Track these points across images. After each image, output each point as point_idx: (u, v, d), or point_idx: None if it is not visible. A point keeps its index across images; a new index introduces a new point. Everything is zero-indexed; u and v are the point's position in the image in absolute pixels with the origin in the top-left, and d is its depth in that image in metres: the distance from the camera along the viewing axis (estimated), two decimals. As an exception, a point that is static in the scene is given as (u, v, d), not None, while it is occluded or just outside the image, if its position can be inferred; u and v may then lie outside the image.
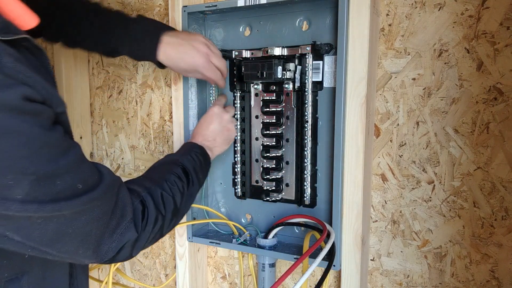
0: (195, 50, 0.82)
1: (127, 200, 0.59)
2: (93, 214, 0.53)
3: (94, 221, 0.53)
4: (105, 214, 0.55)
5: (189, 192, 0.74)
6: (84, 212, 0.52)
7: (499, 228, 0.77)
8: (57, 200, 0.48)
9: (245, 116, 0.94)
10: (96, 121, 1.25)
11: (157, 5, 1.09)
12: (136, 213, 0.60)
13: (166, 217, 0.66)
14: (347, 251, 0.81)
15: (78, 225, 0.52)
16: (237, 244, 0.92)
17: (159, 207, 0.65)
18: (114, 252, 0.58)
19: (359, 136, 0.77)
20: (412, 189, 0.84)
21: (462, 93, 0.77)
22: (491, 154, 0.76)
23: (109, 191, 0.56)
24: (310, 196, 0.88)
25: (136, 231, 0.60)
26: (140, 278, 1.25)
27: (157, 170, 0.73)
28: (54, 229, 0.50)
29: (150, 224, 0.62)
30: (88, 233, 0.53)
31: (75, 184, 0.50)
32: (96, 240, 0.55)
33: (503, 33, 0.73)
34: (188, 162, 0.76)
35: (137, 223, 0.60)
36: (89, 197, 0.51)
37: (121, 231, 0.57)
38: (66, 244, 0.52)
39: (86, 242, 0.54)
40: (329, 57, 0.83)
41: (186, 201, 0.73)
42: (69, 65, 1.18)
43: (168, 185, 0.69)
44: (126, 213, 0.58)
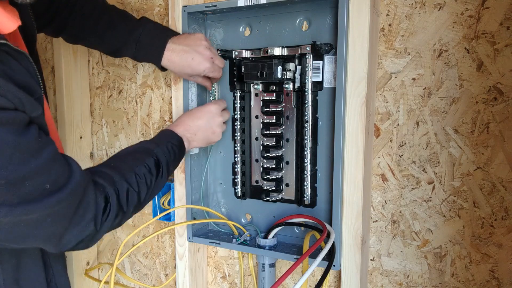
0: (201, 56, 0.84)
1: (91, 198, 0.60)
2: (58, 214, 0.54)
3: (58, 221, 0.55)
4: (69, 212, 0.56)
5: (156, 185, 0.73)
6: (51, 214, 0.53)
7: (499, 228, 0.77)
8: (26, 202, 0.49)
9: (245, 116, 0.94)
10: (96, 121, 1.25)
11: (157, 5, 1.09)
12: (97, 210, 0.61)
13: (127, 212, 0.67)
14: (347, 251, 0.81)
15: (44, 226, 0.53)
16: (237, 244, 0.92)
17: (122, 204, 0.65)
18: (72, 245, 0.59)
19: (359, 136, 0.77)
20: (412, 189, 0.84)
21: (462, 93, 0.77)
22: (491, 154, 0.76)
23: (76, 191, 0.56)
24: (310, 196, 0.88)
25: (95, 228, 0.60)
26: (140, 278, 1.25)
27: (129, 159, 0.72)
28: (21, 232, 0.51)
29: (110, 220, 0.63)
30: (52, 232, 0.55)
31: (43, 185, 0.51)
32: (59, 235, 0.56)
33: (503, 33, 0.73)
34: (163, 154, 0.75)
35: (97, 220, 0.61)
36: (57, 198, 0.52)
37: (81, 228, 0.58)
38: (30, 242, 0.55)
39: (49, 239, 0.56)
40: (329, 57, 0.83)
41: (151, 194, 0.73)
42: (69, 65, 1.18)
43: (136, 179, 0.68)
44: (89, 211, 0.59)
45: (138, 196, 0.68)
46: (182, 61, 0.84)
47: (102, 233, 0.63)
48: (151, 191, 0.72)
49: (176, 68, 0.85)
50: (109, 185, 0.64)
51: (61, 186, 0.54)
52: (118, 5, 1.15)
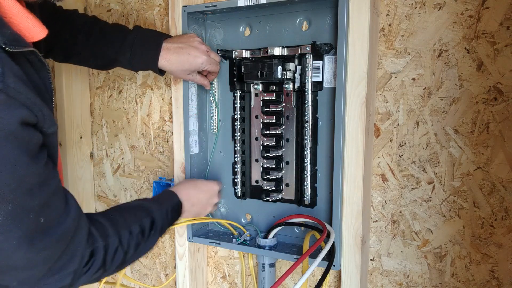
0: (196, 49, 0.85)
1: (78, 250, 0.58)
2: (41, 259, 0.52)
3: (40, 266, 0.53)
4: (51, 260, 0.54)
5: (144, 246, 0.72)
6: (36, 259, 0.51)
7: (499, 228, 0.77)
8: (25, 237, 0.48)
9: (245, 116, 0.94)
10: (96, 121, 1.25)
11: (157, 5, 1.09)
12: (80, 264, 0.59)
13: (108, 271, 0.65)
14: (347, 251, 0.81)
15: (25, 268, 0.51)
16: (237, 244, 0.92)
17: (106, 263, 0.63)
18: None
19: (359, 136, 0.77)
20: (412, 189, 0.84)
21: (462, 93, 0.77)
22: (491, 154, 0.76)
23: (64, 238, 0.55)
24: (310, 196, 0.88)
25: (72, 281, 0.58)
26: (140, 278, 1.25)
27: (127, 215, 0.71)
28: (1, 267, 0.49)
29: (88, 276, 0.61)
30: (30, 276, 0.53)
31: (39, 218, 0.50)
32: (36, 280, 0.54)
33: (503, 33, 0.73)
34: (160, 217, 0.75)
35: (76, 274, 0.58)
36: (44, 244, 0.51)
37: (58, 278, 0.56)
38: (5, 279, 0.51)
39: (25, 281, 0.53)
40: (329, 57, 0.83)
41: (137, 254, 0.71)
42: (69, 65, 1.17)
43: (128, 238, 0.67)
44: (72, 262, 0.57)
45: (124, 255, 0.66)
46: (179, 57, 0.84)
47: (77, 285, 0.60)
48: (138, 252, 0.70)
49: (173, 66, 0.85)
50: (102, 239, 0.62)
51: (53, 226, 0.52)
52: (118, 5, 1.15)
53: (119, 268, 0.67)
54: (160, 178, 1.08)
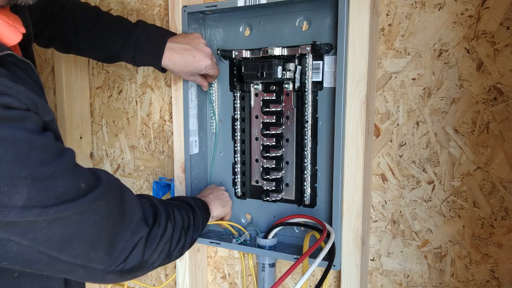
0: (201, 52, 0.85)
1: (133, 201, 0.59)
2: (100, 214, 0.52)
3: (102, 221, 0.53)
4: (112, 213, 0.54)
5: (195, 227, 0.76)
6: (90, 213, 0.51)
7: (499, 228, 0.77)
8: (61, 202, 0.48)
9: (245, 116, 0.94)
10: (96, 121, 1.25)
11: (157, 5, 1.09)
12: (146, 214, 0.61)
13: (176, 227, 0.67)
14: (347, 251, 0.81)
15: (87, 226, 0.51)
16: (237, 244, 0.92)
17: (170, 217, 0.66)
18: (127, 251, 0.57)
19: (359, 136, 0.77)
20: (412, 189, 0.84)
21: (462, 93, 0.77)
22: (491, 154, 0.76)
23: (111, 190, 0.56)
24: (310, 196, 0.88)
25: (147, 226, 0.60)
26: (140, 278, 1.25)
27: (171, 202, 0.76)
28: (61, 232, 0.49)
29: (161, 227, 0.63)
30: (97, 234, 0.53)
31: (79, 184, 0.50)
32: (108, 240, 0.54)
33: (503, 33, 0.73)
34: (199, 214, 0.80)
35: (148, 220, 0.60)
36: (93, 196, 0.51)
37: (132, 229, 0.57)
38: (76, 247, 0.51)
39: (97, 243, 0.53)
40: (329, 57, 0.83)
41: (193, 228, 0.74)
42: (69, 65, 1.18)
43: (179, 210, 0.72)
44: (135, 212, 0.59)
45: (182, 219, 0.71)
46: (183, 59, 0.84)
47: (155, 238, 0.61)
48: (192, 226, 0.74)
49: (177, 67, 0.85)
50: (155, 199, 0.67)
51: (94, 185, 0.53)
52: (118, 5, 1.15)
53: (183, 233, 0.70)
54: (160, 178, 1.08)
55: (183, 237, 0.70)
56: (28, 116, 0.47)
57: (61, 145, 0.52)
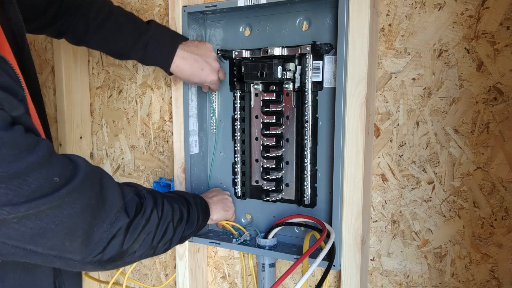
0: (210, 67, 0.86)
1: (114, 190, 0.57)
2: (75, 207, 0.51)
3: (78, 214, 0.51)
4: (89, 205, 0.53)
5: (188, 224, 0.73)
6: (64, 206, 0.50)
7: (499, 228, 0.77)
8: (33, 199, 0.47)
9: (245, 116, 0.94)
10: (96, 121, 1.25)
11: (157, 5, 1.09)
12: (129, 203, 0.58)
13: (163, 219, 0.64)
14: (347, 251, 0.81)
15: (61, 219, 0.50)
16: (237, 244, 0.92)
17: (157, 207, 0.63)
18: (105, 242, 0.55)
19: (359, 136, 0.77)
20: (412, 189, 0.84)
21: (462, 93, 0.77)
22: (491, 154, 0.76)
23: (89, 180, 0.54)
24: (310, 196, 0.88)
25: (127, 216, 0.57)
26: (140, 278, 1.25)
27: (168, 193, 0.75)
28: (34, 226, 0.48)
29: (145, 217, 0.60)
30: (73, 226, 0.51)
31: (51, 178, 0.49)
32: (84, 231, 0.53)
33: (503, 33, 0.73)
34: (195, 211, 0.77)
35: (129, 210, 0.58)
36: (67, 190, 0.50)
37: (111, 220, 0.55)
38: (51, 239, 0.50)
39: (72, 234, 0.52)
40: (329, 57, 0.83)
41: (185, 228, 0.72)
42: (69, 65, 1.18)
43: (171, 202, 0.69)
44: (115, 202, 0.56)
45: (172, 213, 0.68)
46: (191, 70, 0.85)
47: (137, 228, 0.59)
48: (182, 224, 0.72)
49: (183, 75, 0.86)
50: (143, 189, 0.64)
51: (69, 178, 0.51)
52: (118, 5, 1.15)
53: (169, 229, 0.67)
54: (160, 178, 1.08)
55: (170, 230, 0.67)
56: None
57: (33, 138, 0.50)
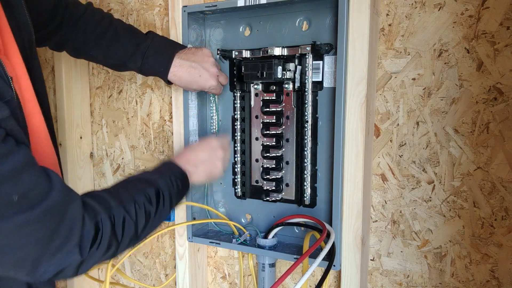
0: (208, 72, 0.85)
1: (76, 222, 0.53)
2: (29, 238, 0.48)
3: (30, 245, 0.49)
4: (44, 237, 0.50)
5: (156, 218, 0.68)
6: (17, 237, 0.47)
7: (499, 228, 0.77)
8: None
9: (245, 116, 0.94)
10: (96, 121, 1.25)
11: (157, 5, 1.09)
12: (84, 238, 0.54)
13: (122, 243, 0.60)
14: (347, 251, 0.81)
15: (10, 250, 0.47)
16: (237, 244, 0.92)
17: (117, 234, 0.59)
18: (51, 274, 0.52)
19: (359, 136, 0.77)
20: (412, 189, 0.84)
21: (462, 93, 0.77)
22: (491, 154, 0.76)
23: (53, 210, 0.51)
24: (310, 196, 0.88)
25: (80, 255, 0.54)
26: (140, 278, 1.25)
27: (128, 186, 0.67)
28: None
29: (102, 250, 0.57)
30: (21, 259, 0.49)
31: (9, 196, 0.46)
32: (32, 263, 0.50)
33: (503, 33, 0.73)
34: (165, 186, 0.69)
35: (83, 247, 0.54)
36: (24, 218, 0.47)
37: (62, 255, 0.52)
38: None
39: (19, 266, 0.49)
40: (329, 57, 0.83)
41: (150, 227, 0.67)
42: (69, 65, 1.18)
43: (135, 208, 0.62)
44: (72, 237, 0.53)
45: (135, 226, 0.62)
46: (189, 77, 0.85)
47: (91, 263, 0.56)
48: (150, 224, 0.66)
49: (182, 83, 0.86)
50: (104, 210, 0.57)
51: (33, 203, 0.48)
52: (118, 5, 1.15)
53: (133, 241, 0.63)
54: (160, 178, 1.08)
55: (130, 246, 0.64)
56: None
57: (8, 146, 0.48)
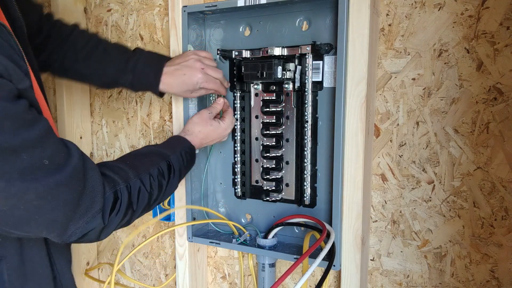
0: (191, 68, 0.84)
1: (97, 188, 0.58)
2: (59, 200, 0.52)
3: (60, 207, 0.53)
4: (71, 200, 0.54)
5: (167, 189, 0.74)
6: (50, 198, 0.51)
7: (499, 228, 0.77)
8: (24, 177, 0.48)
9: (245, 116, 0.94)
10: (96, 121, 1.25)
11: (157, 5, 1.09)
12: (106, 203, 0.59)
13: (136, 211, 0.66)
14: (347, 251, 0.81)
15: (45, 211, 0.52)
16: (237, 244, 0.92)
17: (133, 203, 0.64)
18: (77, 237, 0.57)
19: (359, 136, 0.77)
20: (412, 189, 0.84)
21: (462, 93, 0.77)
22: (491, 154, 0.76)
23: (76, 175, 0.55)
24: (310, 196, 0.88)
25: (103, 221, 0.59)
26: (140, 278, 1.25)
27: (144, 159, 0.72)
28: (20, 215, 0.50)
29: (119, 217, 0.62)
30: (54, 219, 0.53)
31: (42, 159, 0.49)
32: (62, 225, 0.55)
33: (503, 33, 0.73)
34: (176, 160, 0.76)
35: (105, 213, 0.59)
36: (56, 180, 0.51)
37: (87, 219, 0.57)
38: (32, 227, 0.53)
39: (51, 226, 0.54)
40: (329, 57, 0.83)
41: (161, 198, 0.73)
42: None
43: (150, 180, 0.68)
44: (96, 202, 0.57)
45: (149, 197, 0.68)
46: (176, 80, 0.84)
47: (110, 229, 0.62)
48: (162, 195, 0.72)
49: (173, 89, 0.85)
50: (122, 181, 0.63)
51: (59, 166, 0.52)
52: (118, 5, 1.15)
53: (145, 210, 0.69)
54: (160, 178, 1.08)
55: (143, 213, 0.70)
56: (2, 83, 0.47)
57: (34, 114, 0.51)
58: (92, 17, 1.21)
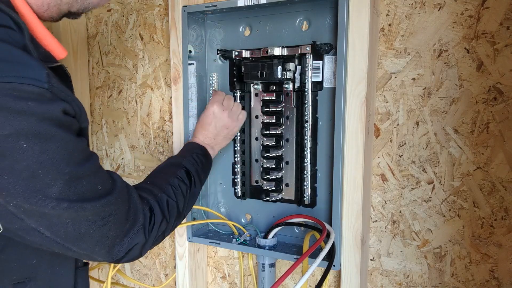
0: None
1: (138, 207, 0.65)
2: (110, 217, 0.59)
3: (111, 224, 0.60)
4: (119, 218, 0.61)
5: (191, 194, 0.78)
6: (103, 215, 0.58)
7: (499, 228, 0.77)
8: (82, 200, 0.55)
9: (245, 116, 0.94)
10: (96, 121, 1.25)
11: (157, 5, 1.09)
12: (145, 219, 0.66)
13: (170, 222, 0.72)
14: (347, 251, 0.81)
15: (98, 226, 0.58)
16: (237, 244, 0.92)
17: (165, 214, 0.70)
18: (123, 253, 0.63)
19: (359, 136, 0.77)
20: (412, 189, 0.84)
21: (462, 93, 0.77)
22: (491, 154, 0.76)
23: (122, 197, 0.62)
24: (310, 196, 0.88)
25: (144, 236, 0.65)
26: (140, 278, 1.25)
27: (161, 174, 0.78)
28: (78, 229, 0.56)
29: (156, 230, 0.68)
30: (105, 235, 0.60)
31: (96, 185, 0.58)
32: (111, 241, 0.61)
33: (503, 33, 0.73)
34: (191, 164, 0.80)
35: (145, 228, 0.66)
36: (107, 200, 0.59)
37: (132, 235, 0.63)
38: (86, 243, 0.59)
39: (102, 242, 0.60)
40: (329, 57, 0.83)
41: (188, 203, 0.78)
42: (69, 65, 1.18)
43: (173, 190, 0.74)
44: (138, 218, 0.64)
45: (177, 206, 0.73)
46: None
47: (150, 243, 0.67)
48: (188, 201, 0.77)
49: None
50: (151, 197, 0.69)
51: (109, 190, 0.60)
52: (118, 5, 1.15)
53: (178, 219, 0.75)
54: (160, 178, 1.08)
55: (176, 223, 0.75)
56: (74, 123, 0.56)
57: (90, 150, 0.61)
58: (92, 17, 1.21)
